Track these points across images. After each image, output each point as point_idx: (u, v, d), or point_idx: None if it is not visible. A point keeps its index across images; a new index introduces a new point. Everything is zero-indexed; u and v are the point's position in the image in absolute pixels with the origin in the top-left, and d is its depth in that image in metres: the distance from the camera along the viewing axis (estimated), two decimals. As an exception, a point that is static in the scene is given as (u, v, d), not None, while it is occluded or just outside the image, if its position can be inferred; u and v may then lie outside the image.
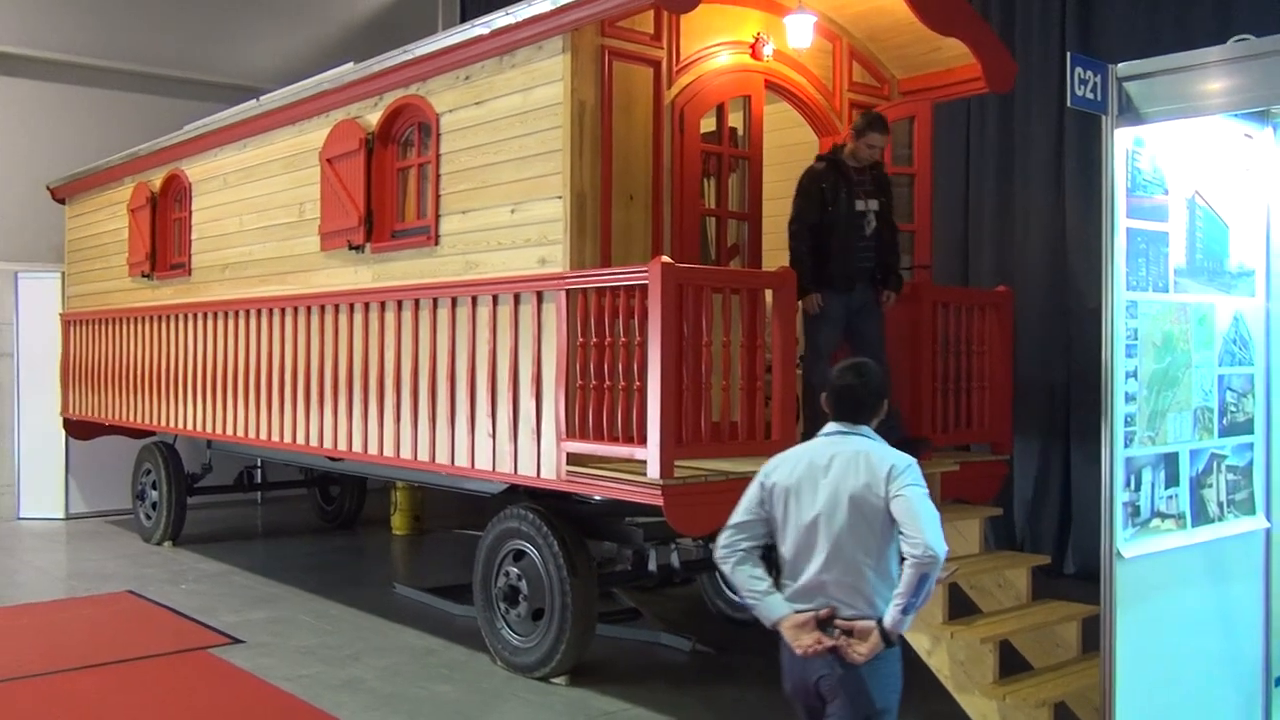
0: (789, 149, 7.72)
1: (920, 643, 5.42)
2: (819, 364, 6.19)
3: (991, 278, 8.73)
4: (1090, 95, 3.50)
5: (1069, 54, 3.54)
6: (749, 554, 3.59)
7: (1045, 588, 6.51)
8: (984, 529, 6.34)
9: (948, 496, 6.54)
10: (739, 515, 3.66)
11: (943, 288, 7.31)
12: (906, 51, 7.35)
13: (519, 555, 6.42)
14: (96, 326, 11.30)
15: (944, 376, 6.84)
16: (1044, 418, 8.79)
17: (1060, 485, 8.87)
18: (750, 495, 3.68)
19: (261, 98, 9.06)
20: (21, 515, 11.93)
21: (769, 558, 3.66)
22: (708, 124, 6.69)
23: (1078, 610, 5.69)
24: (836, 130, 7.21)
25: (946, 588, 5.50)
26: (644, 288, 5.53)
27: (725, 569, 3.61)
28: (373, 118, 7.42)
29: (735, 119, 6.90)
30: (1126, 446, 3.76)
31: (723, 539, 3.65)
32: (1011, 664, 5.49)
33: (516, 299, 6.28)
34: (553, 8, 5.92)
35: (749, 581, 3.54)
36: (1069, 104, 3.53)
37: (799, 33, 6.70)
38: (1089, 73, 3.49)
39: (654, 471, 5.44)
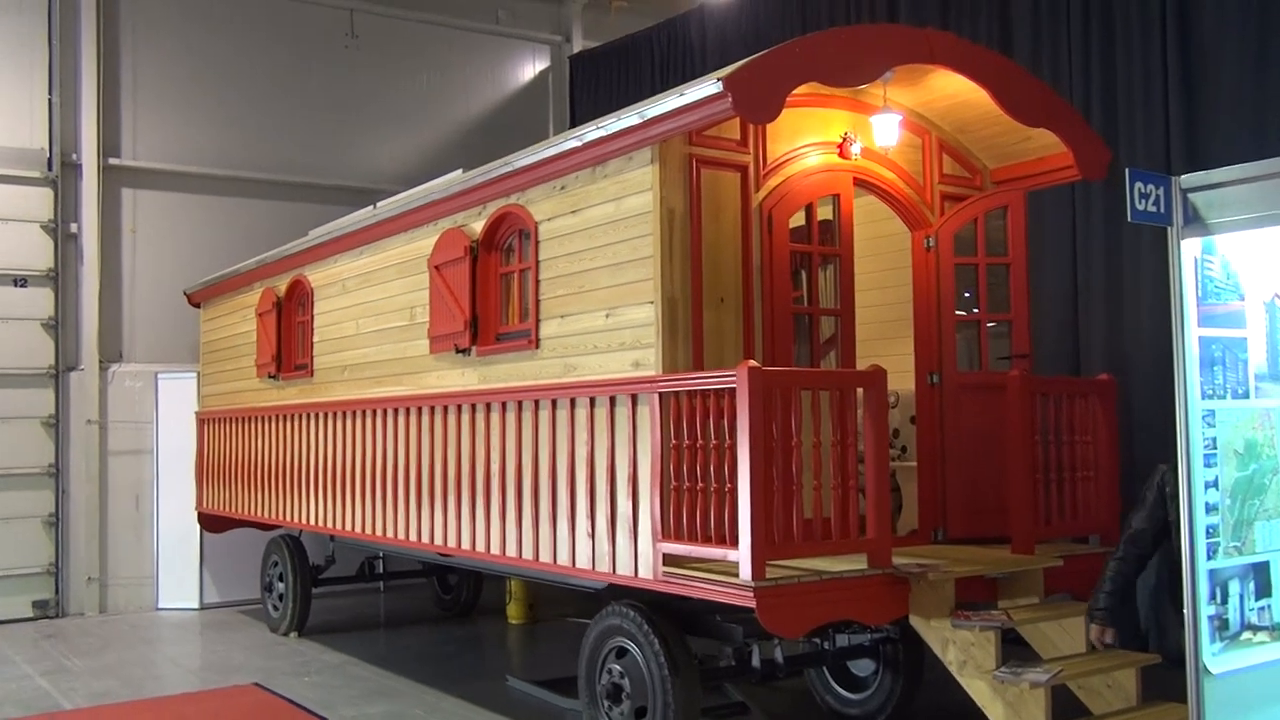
0: (881, 240, 7.80)
1: (1024, 747, 5.31)
2: None
3: (1103, 365, 8.54)
4: (1153, 209, 3.50)
5: (1127, 170, 3.55)
6: None
7: (1169, 679, 6.29)
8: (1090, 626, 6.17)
9: (1053, 591, 6.41)
10: None
11: (1042, 377, 7.22)
12: (997, 142, 7.38)
13: (621, 652, 6.49)
14: (227, 424, 11.87)
15: (1046, 467, 6.73)
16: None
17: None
18: None
19: (377, 204, 9.53)
20: (160, 605, 12.49)
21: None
22: (797, 218, 6.80)
23: (1186, 714, 5.49)
24: (928, 222, 7.25)
25: (1049, 689, 5.39)
26: (733, 391, 5.62)
27: None
28: (477, 226, 7.74)
29: (825, 210, 7.00)
30: (1210, 558, 3.68)
31: None
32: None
33: (612, 401, 6.44)
34: (640, 121, 6.13)
35: None
36: (1129, 219, 3.54)
37: (885, 131, 6.80)
38: (1150, 186, 3.50)
39: (746, 573, 5.48)
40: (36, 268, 12.26)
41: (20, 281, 12.17)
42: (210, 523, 12.34)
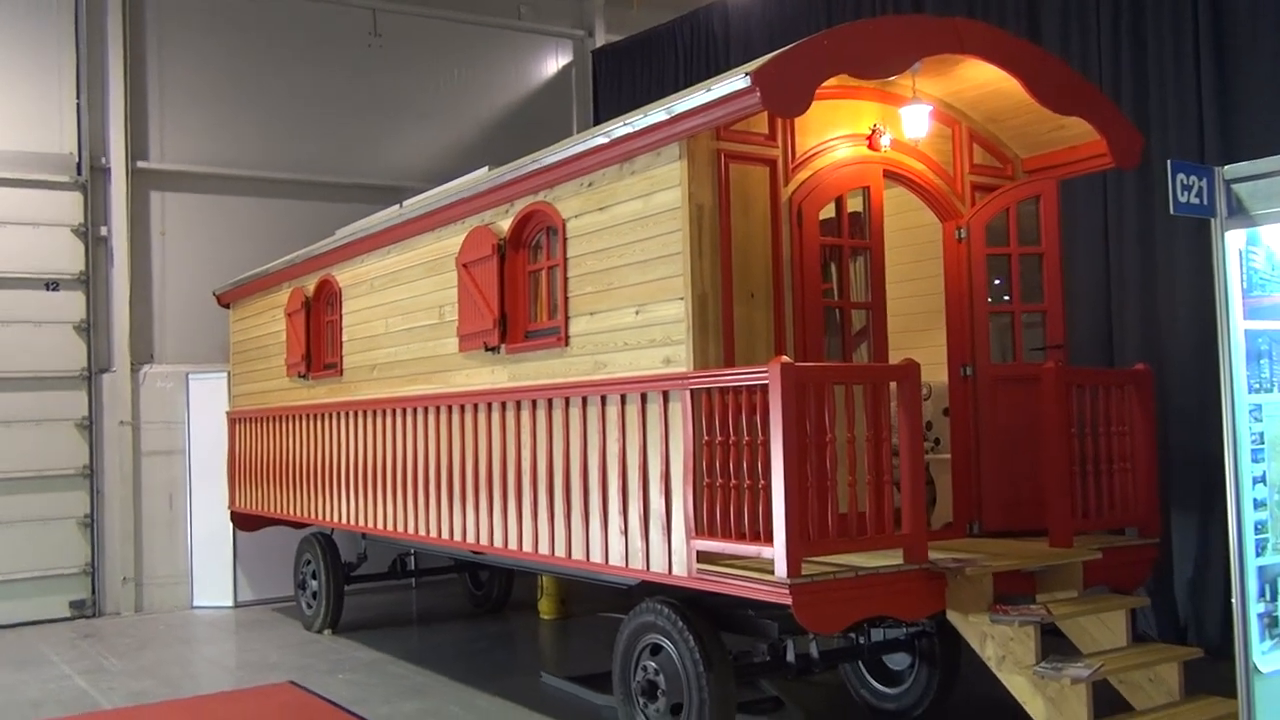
0: (912, 232, 7.74)
1: (1064, 743, 5.26)
2: None
3: (1138, 354, 8.45)
4: (1195, 200, 3.44)
5: (1169, 161, 3.49)
6: None
7: (1210, 671, 6.24)
8: (1131, 619, 6.11)
9: (1093, 584, 6.35)
10: None
11: (1078, 369, 7.14)
12: (1028, 131, 7.30)
13: (656, 649, 6.47)
14: (258, 424, 11.93)
15: (1083, 459, 6.66)
16: (1202, 495, 8.41)
17: (1223, 564, 8.44)
18: None
19: (403, 203, 9.55)
20: (195, 604, 12.58)
21: None
22: (826, 211, 6.76)
23: (1233, 707, 5.41)
24: (959, 213, 7.19)
25: (1090, 685, 5.33)
26: (765, 387, 5.59)
27: None
28: (504, 224, 7.73)
29: (855, 202, 6.95)
30: (1259, 555, 3.62)
31: None
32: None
33: (644, 398, 6.42)
34: (668, 117, 6.10)
35: None
36: (1172, 211, 3.48)
37: (915, 123, 6.74)
38: (1192, 178, 3.44)
39: (781, 570, 5.46)
40: (68, 271, 12.35)
41: (52, 285, 12.27)
42: (243, 521, 12.42)
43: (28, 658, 10.18)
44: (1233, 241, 3.57)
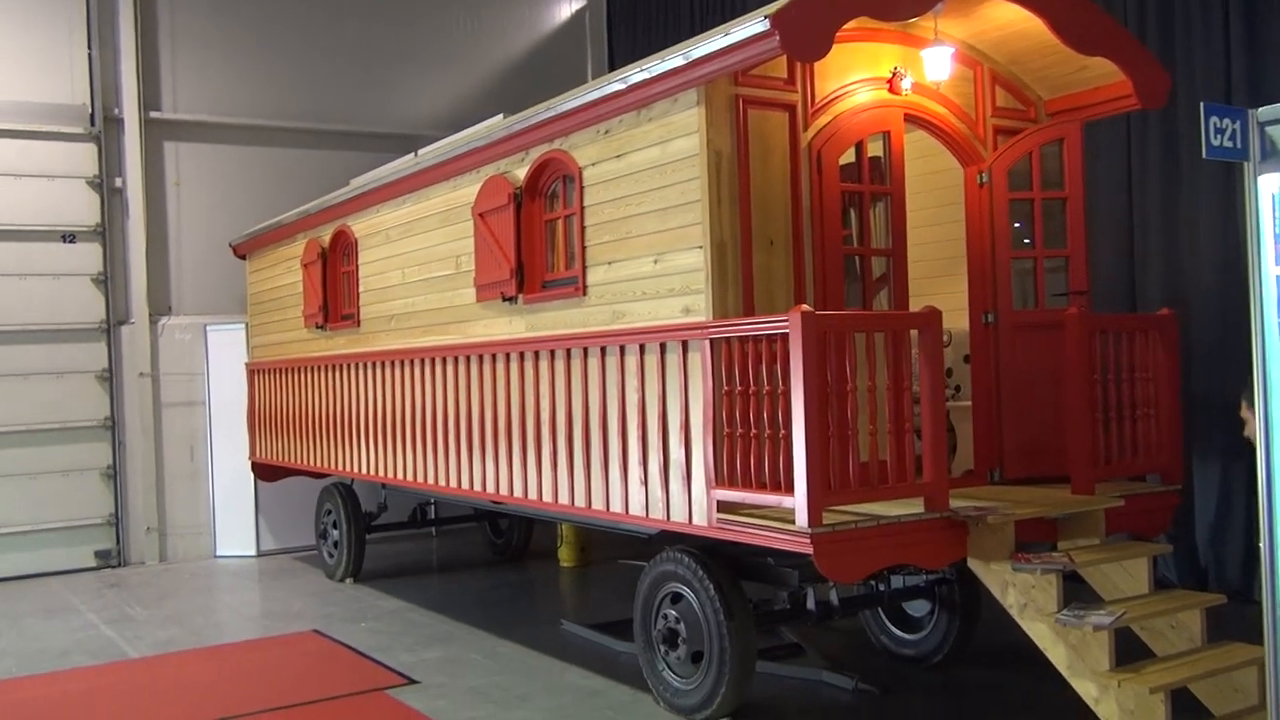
0: (933, 176, 7.64)
1: (1087, 690, 5.27)
2: None
3: (1161, 299, 8.36)
4: (1229, 144, 3.36)
5: (1202, 104, 3.41)
6: None
7: (1234, 615, 6.23)
8: (1153, 566, 6.09)
9: (1115, 531, 6.33)
10: None
11: (1101, 315, 7.08)
12: (1051, 73, 7.17)
13: (676, 598, 6.51)
14: (277, 375, 11.96)
15: (1105, 406, 6.62)
16: (1225, 441, 8.35)
17: (1244, 509, 8.42)
18: None
19: (418, 152, 9.47)
20: (218, 553, 12.70)
21: None
22: (846, 156, 6.67)
23: (1256, 653, 5.41)
24: (981, 158, 7.08)
25: (1113, 631, 5.33)
26: (786, 336, 5.55)
27: None
28: (520, 172, 7.66)
29: (875, 147, 6.86)
30: (1290, 506, 3.59)
31: None
32: (1187, 711, 5.28)
33: (663, 348, 6.39)
34: (685, 62, 6.00)
35: None
36: (1204, 155, 3.40)
37: (937, 65, 6.62)
38: (1226, 120, 3.35)
39: (802, 520, 5.45)
40: (84, 223, 12.34)
41: (69, 237, 12.27)
42: (263, 472, 12.50)
43: (55, 607, 10.31)
44: (1266, 186, 3.49)
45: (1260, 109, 3.52)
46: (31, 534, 11.89)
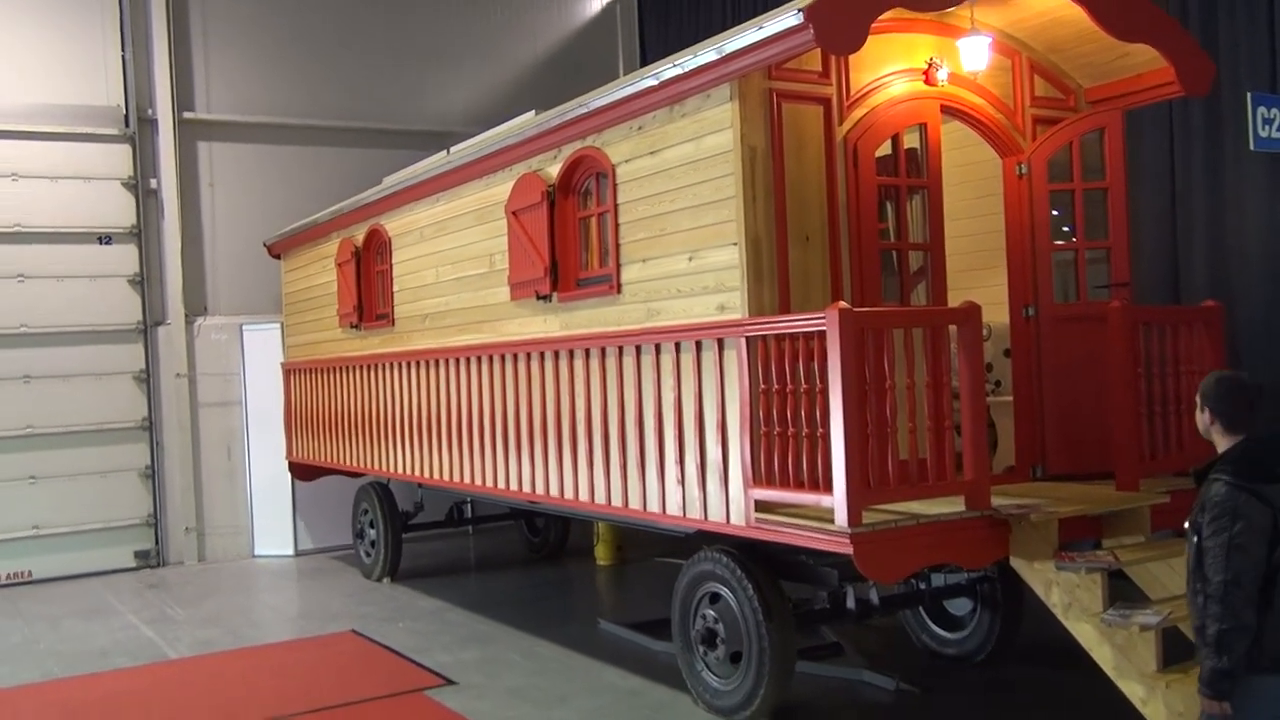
0: (971, 168, 7.53)
1: (1134, 691, 5.17)
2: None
3: (1206, 290, 8.19)
4: (1277, 134, 3.26)
5: (1249, 93, 3.30)
6: None
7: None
8: (1201, 563, 5.95)
9: (1160, 528, 6.21)
10: None
11: (1144, 307, 6.95)
12: (1092, 60, 7.04)
13: (715, 598, 6.45)
14: (312, 375, 11.99)
15: (1150, 400, 6.49)
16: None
17: (1292, 502, 8.24)
18: None
19: (450, 150, 9.44)
20: (256, 553, 12.77)
21: None
22: (882, 149, 6.57)
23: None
24: (1019, 148, 6.96)
25: (1160, 631, 5.22)
26: (823, 333, 5.47)
27: None
28: (553, 170, 7.61)
29: (911, 139, 6.76)
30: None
31: None
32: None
33: (698, 346, 6.32)
34: (718, 57, 5.93)
35: None
36: (1252, 147, 3.30)
37: (974, 55, 6.51)
38: (1274, 110, 3.26)
39: (842, 519, 5.38)
40: (120, 225, 12.42)
41: (105, 239, 12.35)
42: (300, 471, 12.54)
43: (96, 607, 10.40)
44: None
45: (1314, 98, 3.42)
46: (71, 535, 11.99)
